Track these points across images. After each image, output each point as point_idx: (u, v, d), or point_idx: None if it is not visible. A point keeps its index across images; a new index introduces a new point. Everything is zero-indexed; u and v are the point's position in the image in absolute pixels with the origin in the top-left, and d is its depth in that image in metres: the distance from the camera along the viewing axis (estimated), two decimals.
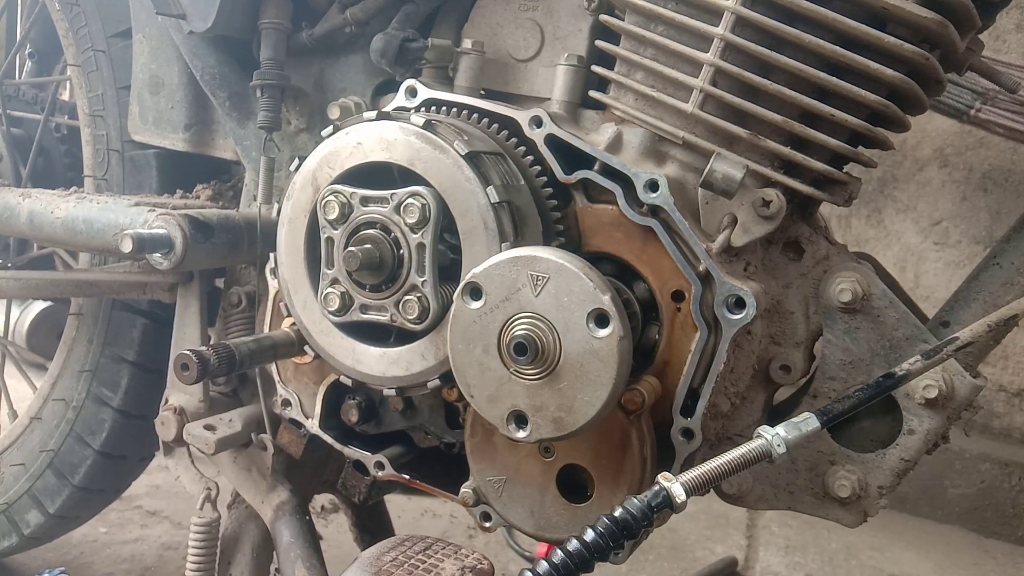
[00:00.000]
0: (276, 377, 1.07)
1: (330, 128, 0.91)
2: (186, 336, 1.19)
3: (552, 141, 0.87)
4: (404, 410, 1.02)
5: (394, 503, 1.74)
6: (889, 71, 0.78)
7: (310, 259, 0.93)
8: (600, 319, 0.73)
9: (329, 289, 0.89)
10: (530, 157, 0.89)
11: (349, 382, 0.95)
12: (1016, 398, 2.56)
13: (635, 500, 0.69)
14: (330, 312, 0.90)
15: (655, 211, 0.83)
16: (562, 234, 0.88)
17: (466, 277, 0.78)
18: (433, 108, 0.94)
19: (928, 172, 2.58)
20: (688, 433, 0.85)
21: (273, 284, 1.02)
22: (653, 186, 0.82)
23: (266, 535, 1.18)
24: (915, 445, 0.86)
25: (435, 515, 2.09)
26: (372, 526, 1.45)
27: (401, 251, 0.85)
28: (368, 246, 0.85)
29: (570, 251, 0.79)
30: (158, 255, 0.99)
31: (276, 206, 0.96)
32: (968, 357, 0.88)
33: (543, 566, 0.68)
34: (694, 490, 0.70)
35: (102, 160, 1.32)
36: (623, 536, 0.68)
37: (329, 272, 0.89)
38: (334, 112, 1.02)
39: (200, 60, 1.13)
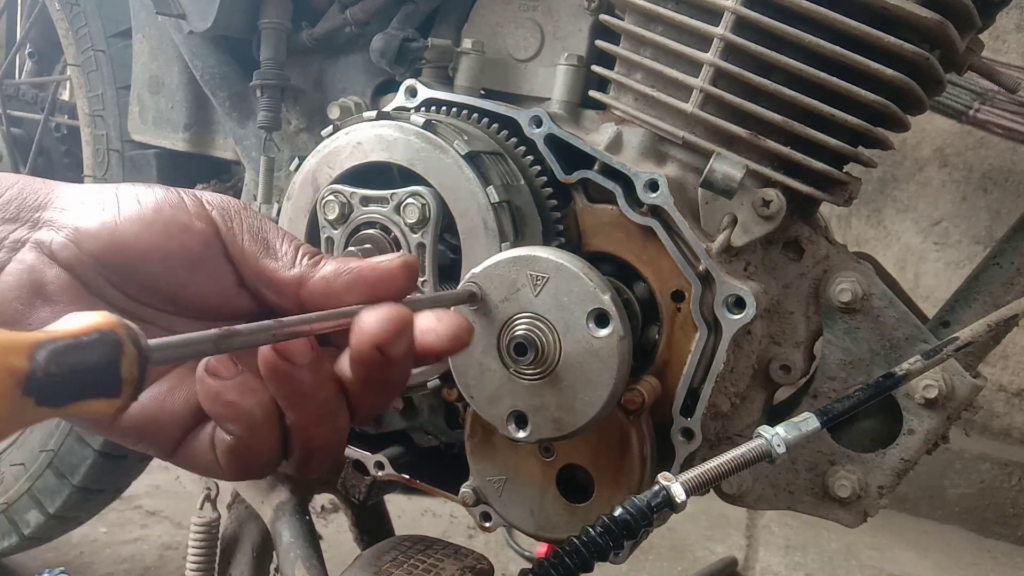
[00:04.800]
0: None
1: (330, 128, 0.91)
2: None
3: (552, 141, 0.87)
4: (404, 410, 1.02)
5: (394, 503, 1.74)
6: (889, 71, 0.78)
7: None
8: (600, 319, 0.73)
9: None
10: (530, 157, 0.89)
11: None
12: (1016, 398, 2.56)
13: (635, 500, 0.69)
14: None
15: (655, 211, 0.83)
16: (562, 234, 0.88)
17: (466, 277, 0.78)
18: (433, 108, 0.94)
19: (928, 172, 2.58)
20: (688, 433, 0.85)
21: None
22: (653, 186, 0.82)
23: (266, 535, 1.18)
24: (915, 445, 0.86)
25: (435, 515, 2.09)
26: (372, 526, 1.45)
27: (401, 251, 0.85)
28: (368, 246, 0.85)
29: (570, 251, 0.79)
30: None
31: (276, 206, 0.96)
32: (968, 357, 0.88)
33: (543, 566, 0.68)
34: (694, 490, 0.70)
35: (102, 160, 1.32)
36: (623, 536, 0.68)
37: None
38: (334, 112, 1.02)
39: (200, 60, 1.13)
